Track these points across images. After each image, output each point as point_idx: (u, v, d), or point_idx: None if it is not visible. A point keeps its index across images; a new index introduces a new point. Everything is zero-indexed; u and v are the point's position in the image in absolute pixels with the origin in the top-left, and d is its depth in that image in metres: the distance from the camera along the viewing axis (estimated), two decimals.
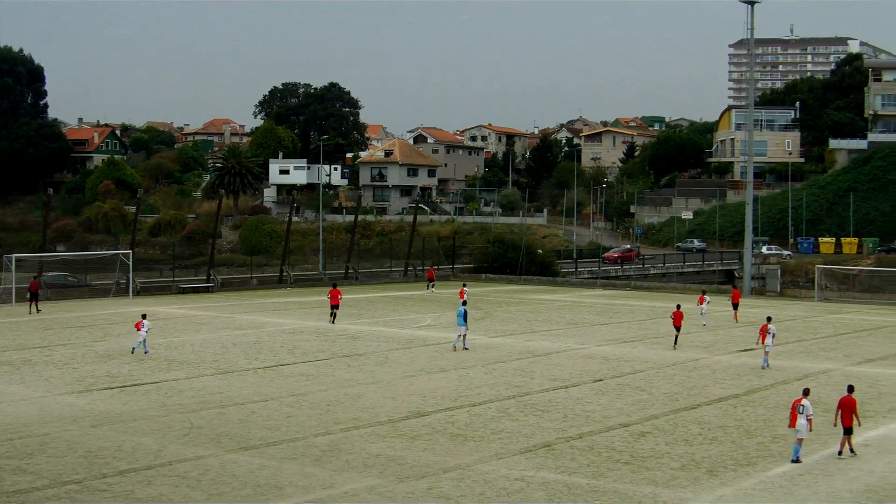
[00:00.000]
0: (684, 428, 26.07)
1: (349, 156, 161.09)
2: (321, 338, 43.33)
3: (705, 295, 51.17)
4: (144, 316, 38.84)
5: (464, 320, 39.85)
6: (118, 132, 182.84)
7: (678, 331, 42.19)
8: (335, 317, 48.69)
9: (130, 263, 62.62)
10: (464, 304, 42.83)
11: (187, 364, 35.78)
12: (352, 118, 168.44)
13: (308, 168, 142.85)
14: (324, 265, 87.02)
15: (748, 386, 32.56)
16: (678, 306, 43.34)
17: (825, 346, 42.89)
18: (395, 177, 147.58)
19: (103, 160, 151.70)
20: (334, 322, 48.23)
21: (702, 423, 26.76)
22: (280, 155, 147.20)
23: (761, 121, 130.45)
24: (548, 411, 28.04)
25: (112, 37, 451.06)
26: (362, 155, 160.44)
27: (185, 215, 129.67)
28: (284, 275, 74.19)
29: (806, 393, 23.67)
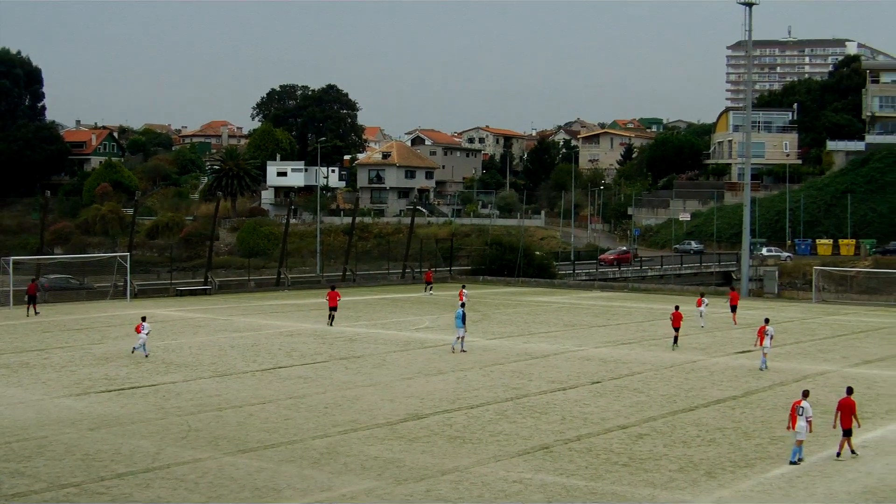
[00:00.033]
0: (682, 430, 26.08)
1: (347, 158, 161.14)
2: (319, 340, 43.33)
3: (703, 297, 51.18)
4: (144, 318, 38.84)
5: (462, 322, 39.83)
6: (116, 134, 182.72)
7: (677, 332, 42.31)
8: (333, 319, 48.70)
9: (128, 266, 62.62)
10: (462, 305, 42.84)
11: (185, 367, 35.77)
12: (349, 120, 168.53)
13: (306, 170, 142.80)
14: (321, 267, 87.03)
15: (746, 388, 32.58)
16: (677, 307, 43.39)
17: (823, 348, 42.91)
18: (392, 179, 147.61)
19: (101, 162, 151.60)
20: (332, 324, 48.24)
21: (700, 424, 26.77)
22: (278, 157, 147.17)
23: (759, 122, 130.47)
24: (546, 413, 28.04)
25: (110, 39, 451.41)
26: (360, 157, 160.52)
27: (182, 217, 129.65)
28: (282, 277, 74.20)
29: (805, 395, 23.67)
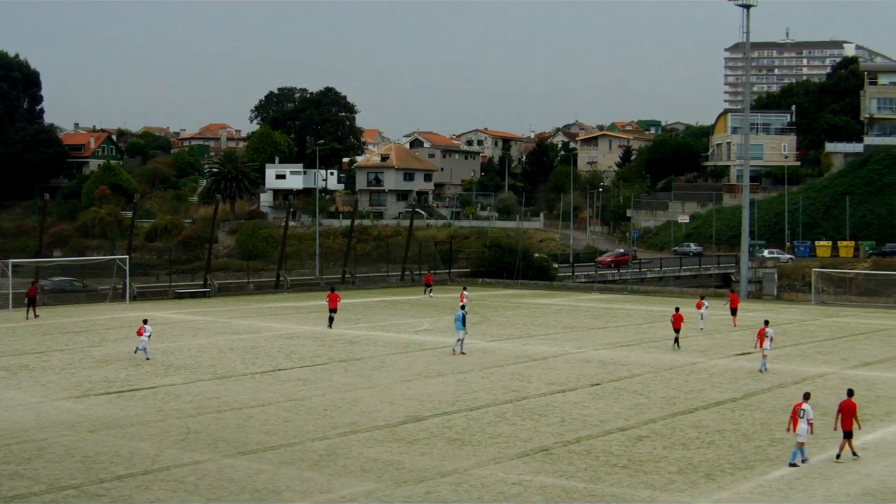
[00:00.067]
0: (682, 432, 26.08)
1: (345, 160, 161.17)
2: (318, 342, 43.32)
3: (703, 299, 51.13)
4: (146, 321, 38.85)
5: (462, 324, 39.79)
6: (114, 137, 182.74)
7: (677, 333, 42.24)
8: (332, 321, 48.71)
9: (127, 268, 62.63)
10: (462, 307, 42.78)
11: (184, 369, 35.76)
12: (348, 123, 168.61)
13: (304, 173, 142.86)
14: (320, 270, 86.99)
15: (746, 390, 32.57)
16: (677, 309, 43.35)
17: (822, 350, 42.90)
18: (391, 181, 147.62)
19: (99, 165, 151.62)
20: (332, 326, 48.24)
21: (699, 426, 26.77)
22: (276, 160, 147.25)
23: (757, 124, 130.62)
24: (545, 415, 28.03)
25: (108, 42, 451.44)
26: (359, 159, 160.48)
27: (181, 220, 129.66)
28: (281, 279, 74.18)
29: (806, 397, 23.67)
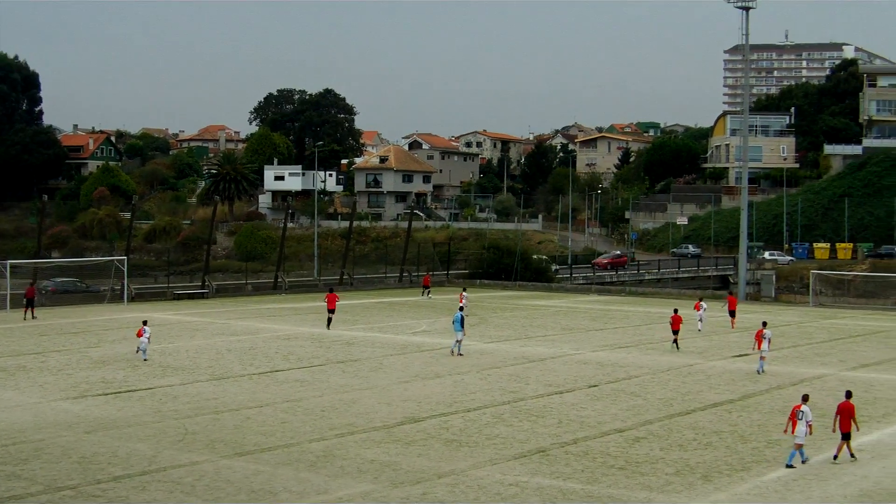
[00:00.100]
0: (679, 433, 26.08)
1: (344, 162, 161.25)
2: (316, 344, 43.32)
3: (702, 301, 51.12)
4: (146, 322, 38.85)
5: (461, 325, 39.79)
6: (113, 139, 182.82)
7: (676, 335, 42.19)
8: (331, 322, 48.74)
9: (125, 269, 62.62)
10: (460, 309, 42.75)
11: (182, 370, 35.76)
12: (347, 124, 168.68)
13: (303, 174, 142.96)
14: (319, 271, 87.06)
15: (743, 391, 32.58)
16: (676, 311, 43.34)
17: (820, 352, 42.92)
18: (390, 183, 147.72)
19: (98, 166, 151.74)
20: (329, 327, 48.25)
21: (696, 428, 26.78)
22: (275, 161, 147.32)
23: (756, 126, 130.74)
24: (542, 417, 28.03)
25: (107, 44, 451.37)
26: (357, 161, 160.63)
27: (179, 221, 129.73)
28: (279, 281, 74.18)
29: (805, 399, 23.69)
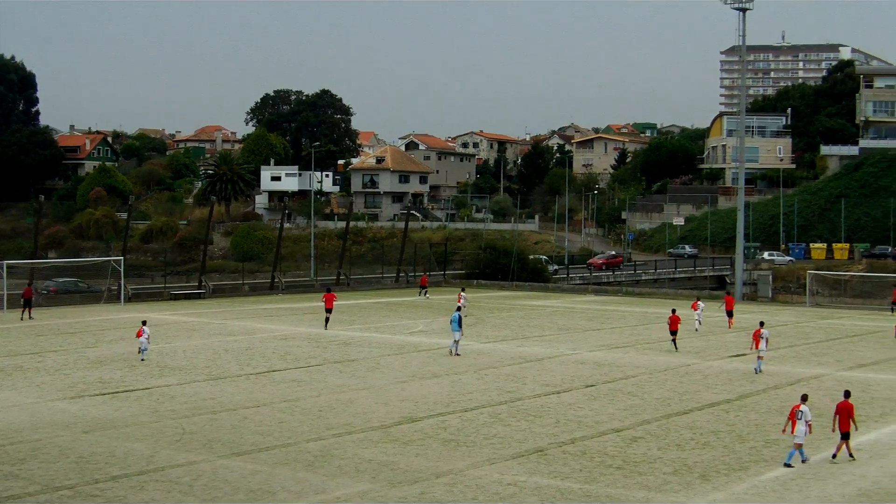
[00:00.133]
0: (676, 433, 26.09)
1: (341, 162, 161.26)
2: (313, 344, 43.30)
3: (699, 301, 51.14)
4: (145, 322, 38.82)
5: (458, 325, 39.78)
6: (110, 139, 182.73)
7: (674, 335, 42.11)
8: (328, 321, 48.76)
9: (122, 270, 62.57)
10: (458, 309, 42.71)
11: (179, 370, 35.73)
12: (343, 125, 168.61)
13: (300, 175, 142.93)
14: (315, 271, 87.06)
15: (740, 391, 32.60)
16: (673, 311, 43.31)
17: (817, 352, 42.95)
18: (386, 183, 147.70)
19: (95, 167, 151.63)
20: (327, 327, 48.27)
21: (694, 428, 26.79)
22: (272, 162, 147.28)
23: (753, 127, 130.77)
24: (540, 416, 28.03)
25: (104, 44, 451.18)
26: (354, 162, 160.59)
27: (176, 222, 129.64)
28: (276, 281, 74.16)
29: (804, 399, 23.72)
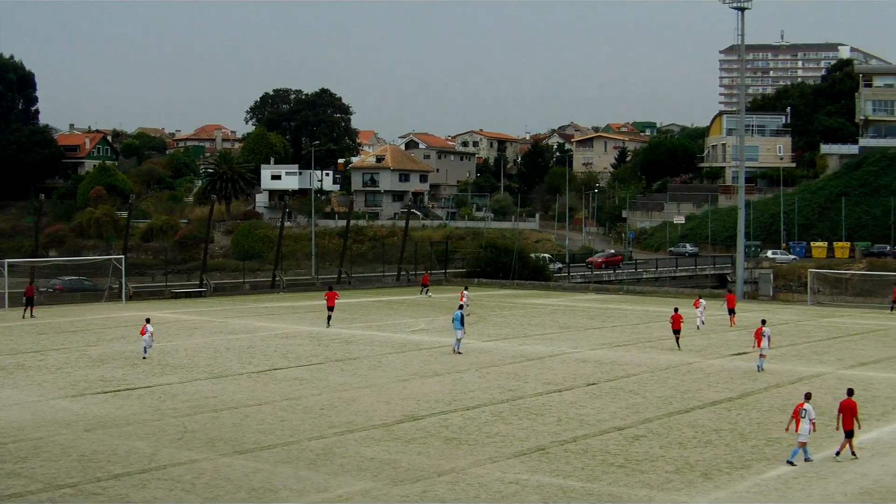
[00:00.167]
0: (678, 431, 26.09)
1: (341, 161, 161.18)
2: (314, 342, 43.31)
3: (701, 299, 51.12)
4: (148, 320, 38.82)
5: (460, 324, 39.80)
6: (109, 138, 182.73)
7: (678, 334, 42.02)
8: (330, 319, 48.84)
9: (123, 268, 62.58)
10: (460, 307, 42.71)
11: (181, 368, 35.74)
12: (343, 124, 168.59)
13: (300, 173, 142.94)
14: (316, 270, 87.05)
15: (742, 389, 32.59)
16: (676, 310, 43.26)
17: (818, 350, 42.93)
18: (386, 182, 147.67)
19: (95, 166, 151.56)
20: (329, 325, 48.33)
21: (696, 426, 26.79)
22: (272, 160, 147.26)
23: (752, 126, 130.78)
24: (542, 415, 28.04)
25: (103, 43, 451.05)
26: (354, 160, 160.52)
27: (177, 221, 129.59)
28: (277, 279, 74.19)
29: (808, 397, 23.73)
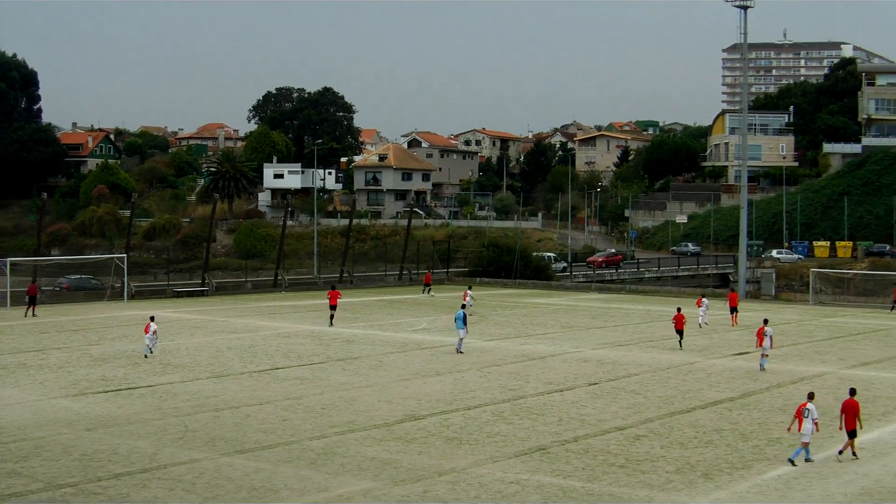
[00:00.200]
0: (679, 431, 26.09)
1: (343, 160, 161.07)
2: (316, 341, 43.33)
3: (704, 298, 51.12)
4: (153, 318, 38.85)
5: (463, 323, 39.80)
6: (112, 136, 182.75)
7: (681, 334, 41.93)
8: (333, 318, 48.90)
9: (125, 267, 62.61)
10: (463, 307, 42.72)
11: (182, 367, 35.75)
12: (346, 122, 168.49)
13: (302, 172, 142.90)
14: (318, 269, 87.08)
15: (743, 389, 32.59)
16: (679, 309, 43.23)
17: (820, 350, 42.92)
18: (389, 181, 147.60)
19: (97, 164, 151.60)
20: (332, 324, 48.39)
21: (697, 426, 26.78)
22: (274, 159, 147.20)
23: (755, 125, 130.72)
24: (543, 415, 28.04)
25: (106, 42, 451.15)
26: (356, 159, 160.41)
27: (179, 219, 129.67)
28: (279, 278, 74.20)
29: (811, 397, 23.75)
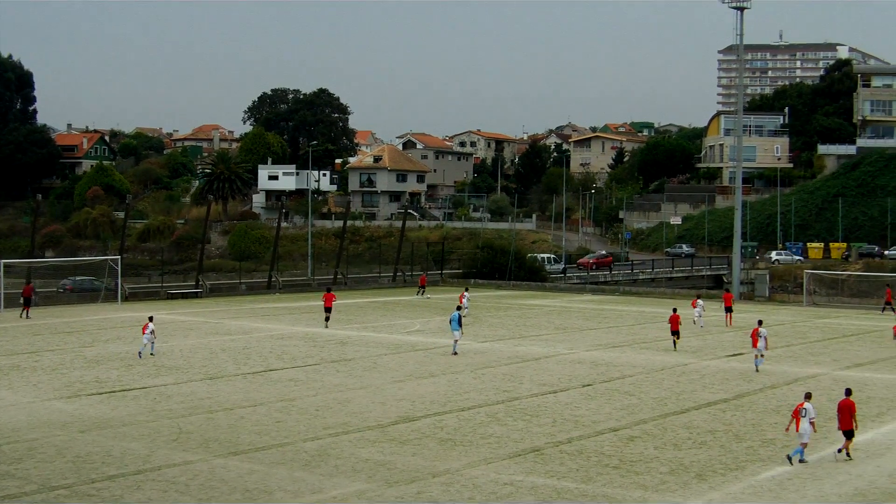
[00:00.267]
0: (673, 432, 26.10)
1: (338, 161, 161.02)
2: (310, 343, 43.31)
3: (699, 299, 51.18)
4: (151, 319, 38.80)
5: (458, 325, 39.79)
6: (107, 138, 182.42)
7: (676, 335, 41.94)
8: (328, 320, 48.91)
9: (119, 269, 62.52)
10: (458, 308, 42.72)
11: (176, 369, 35.72)
12: (341, 124, 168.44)
13: (297, 174, 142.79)
14: (313, 271, 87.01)
15: (737, 390, 32.62)
16: (674, 310, 43.25)
17: (814, 351, 42.98)
18: (383, 182, 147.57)
19: (92, 166, 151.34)
20: (327, 326, 48.39)
21: (691, 427, 26.80)
22: (269, 161, 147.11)
23: (750, 126, 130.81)
24: (537, 416, 28.05)
25: (101, 43, 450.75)
26: (351, 160, 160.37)
27: (173, 221, 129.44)
28: (273, 280, 74.16)
29: (808, 397, 23.84)
